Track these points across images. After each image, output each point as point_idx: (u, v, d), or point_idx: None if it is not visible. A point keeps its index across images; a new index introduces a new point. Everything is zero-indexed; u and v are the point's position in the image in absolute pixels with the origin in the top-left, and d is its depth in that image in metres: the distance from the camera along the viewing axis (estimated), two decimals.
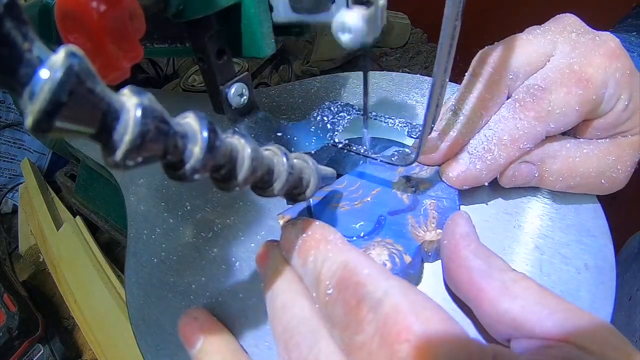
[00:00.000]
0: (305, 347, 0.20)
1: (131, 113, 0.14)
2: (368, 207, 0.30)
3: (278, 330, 0.22)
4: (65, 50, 0.12)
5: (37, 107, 0.11)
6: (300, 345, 0.20)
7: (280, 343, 0.21)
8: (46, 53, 0.12)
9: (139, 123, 0.14)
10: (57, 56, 0.12)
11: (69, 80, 0.12)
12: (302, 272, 0.23)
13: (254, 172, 0.19)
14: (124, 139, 0.13)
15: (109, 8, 0.19)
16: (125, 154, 0.14)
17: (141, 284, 0.32)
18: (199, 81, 0.70)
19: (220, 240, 0.34)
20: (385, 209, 0.29)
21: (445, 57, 0.22)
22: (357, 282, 0.20)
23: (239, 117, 0.31)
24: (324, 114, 0.33)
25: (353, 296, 0.19)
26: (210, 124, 0.17)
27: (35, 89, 0.11)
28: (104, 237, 0.70)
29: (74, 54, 0.12)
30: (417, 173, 0.31)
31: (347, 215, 0.29)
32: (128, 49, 0.21)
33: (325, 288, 0.20)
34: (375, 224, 0.28)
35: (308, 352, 0.20)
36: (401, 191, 0.30)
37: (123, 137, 0.13)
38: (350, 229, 0.28)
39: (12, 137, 0.96)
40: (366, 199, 0.30)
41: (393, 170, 0.32)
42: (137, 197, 0.39)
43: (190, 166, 0.16)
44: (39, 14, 0.29)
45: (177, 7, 0.24)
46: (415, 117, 0.41)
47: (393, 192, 0.30)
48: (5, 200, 0.94)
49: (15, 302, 0.64)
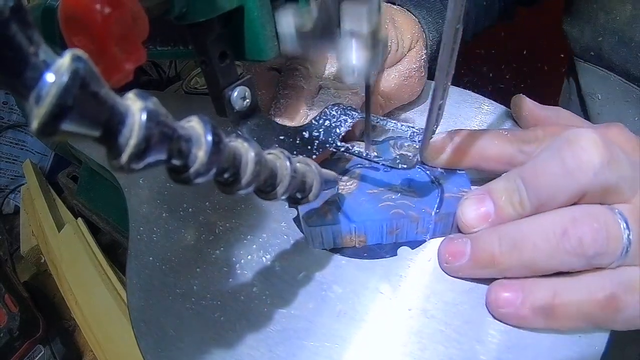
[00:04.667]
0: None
1: (136, 117, 0.14)
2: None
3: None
4: (70, 54, 0.12)
5: (43, 111, 0.11)
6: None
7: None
8: (52, 57, 0.12)
9: (144, 127, 0.14)
10: (63, 60, 0.12)
11: (74, 84, 0.12)
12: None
13: (257, 175, 0.20)
14: (129, 143, 0.14)
15: (112, 11, 0.19)
16: (130, 158, 0.14)
17: (142, 286, 0.32)
18: (201, 84, 0.70)
19: (221, 243, 0.34)
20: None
21: (447, 61, 0.22)
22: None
23: (241, 120, 0.31)
24: (327, 117, 0.33)
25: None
26: (214, 127, 0.17)
27: (42, 92, 0.11)
28: (106, 238, 0.70)
29: (80, 58, 0.12)
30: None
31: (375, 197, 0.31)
32: (131, 52, 0.21)
33: None
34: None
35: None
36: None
37: (128, 140, 0.14)
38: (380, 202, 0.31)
39: (14, 138, 0.96)
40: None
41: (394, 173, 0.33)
42: (138, 199, 0.39)
43: (195, 170, 0.17)
44: (42, 16, 0.29)
45: (180, 10, 0.24)
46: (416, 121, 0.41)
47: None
48: (7, 201, 0.94)
49: (16, 302, 0.64)
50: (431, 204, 0.30)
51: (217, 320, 0.29)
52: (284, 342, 0.28)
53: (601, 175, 0.24)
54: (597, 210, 0.24)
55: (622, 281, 0.24)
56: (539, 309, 0.25)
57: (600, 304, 0.24)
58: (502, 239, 0.26)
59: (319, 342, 0.27)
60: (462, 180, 0.31)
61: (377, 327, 0.28)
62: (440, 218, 0.30)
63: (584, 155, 0.24)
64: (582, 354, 0.25)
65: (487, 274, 0.27)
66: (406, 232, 0.31)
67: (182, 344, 0.29)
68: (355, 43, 0.22)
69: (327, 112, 0.33)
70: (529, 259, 0.25)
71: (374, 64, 0.23)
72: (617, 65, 0.44)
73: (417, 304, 0.28)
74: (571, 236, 0.24)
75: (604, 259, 0.24)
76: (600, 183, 0.24)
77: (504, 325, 0.26)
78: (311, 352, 0.27)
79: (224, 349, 0.28)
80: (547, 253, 0.25)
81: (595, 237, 0.23)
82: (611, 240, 0.24)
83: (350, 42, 0.22)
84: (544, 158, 0.26)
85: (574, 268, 0.25)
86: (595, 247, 0.23)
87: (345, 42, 0.22)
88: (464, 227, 0.28)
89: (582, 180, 0.24)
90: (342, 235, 0.30)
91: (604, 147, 0.24)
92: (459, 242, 0.28)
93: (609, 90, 0.46)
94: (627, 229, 0.24)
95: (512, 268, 0.26)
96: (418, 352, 0.26)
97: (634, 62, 0.42)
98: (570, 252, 0.24)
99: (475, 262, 0.27)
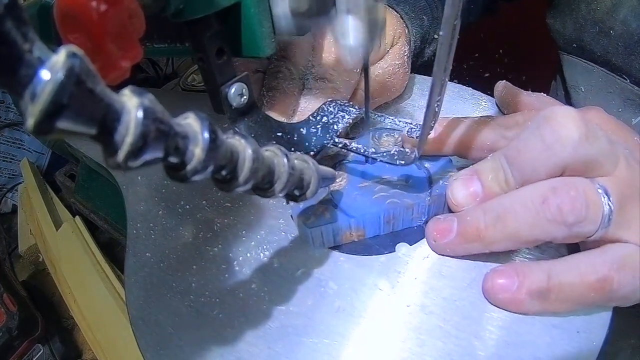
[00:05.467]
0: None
1: (132, 114, 0.14)
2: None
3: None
4: (66, 51, 0.12)
5: (39, 109, 0.11)
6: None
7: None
8: (47, 54, 0.12)
9: (140, 124, 0.14)
10: (58, 57, 0.12)
11: (70, 81, 0.12)
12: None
13: (255, 172, 0.20)
14: (125, 140, 0.13)
15: (108, 8, 0.19)
16: (126, 155, 0.14)
17: (141, 284, 0.32)
18: (198, 80, 0.70)
19: (220, 240, 0.34)
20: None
21: (445, 56, 0.22)
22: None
23: (239, 117, 0.31)
24: (324, 113, 0.33)
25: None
26: (211, 124, 0.17)
27: (36, 90, 0.11)
28: (104, 236, 0.70)
29: (75, 55, 0.12)
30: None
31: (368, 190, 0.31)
32: (128, 49, 0.21)
33: None
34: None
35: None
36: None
37: (124, 138, 0.13)
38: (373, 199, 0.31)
39: (11, 136, 0.95)
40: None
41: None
42: (136, 197, 0.39)
43: (192, 167, 0.16)
44: (38, 13, 0.29)
45: (176, 6, 0.24)
46: (415, 117, 0.41)
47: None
48: (4, 200, 0.94)
49: (14, 302, 0.64)
50: (422, 188, 0.31)
51: (215, 318, 0.29)
52: (282, 338, 0.28)
53: (580, 148, 0.24)
54: (576, 180, 0.25)
55: (613, 260, 0.25)
56: (535, 292, 0.26)
57: (594, 286, 0.25)
58: (486, 213, 0.27)
59: (317, 339, 0.27)
60: (448, 164, 0.32)
61: (376, 323, 0.28)
62: (433, 200, 0.30)
63: (562, 130, 0.25)
64: (580, 349, 0.25)
65: (474, 249, 0.28)
66: (402, 220, 0.31)
67: (181, 342, 0.29)
68: (352, 21, 0.22)
69: (325, 108, 0.33)
70: (512, 229, 0.26)
71: (372, 43, 0.23)
72: (598, 56, 0.45)
73: (416, 300, 0.28)
74: (551, 204, 0.25)
75: (586, 227, 0.25)
76: (580, 156, 0.25)
77: (503, 321, 0.26)
78: (310, 349, 0.27)
79: (223, 346, 0.28)
80: (529, 222, 0.25)
81: (574, 203, 0.24)
82: (590, 206, 0.24)
83: (347, 20, 0.22)
84: (525, 136, 0.27)
85: (556, 238, 0.25)
86: (575, 213, 0.24)
87: (341, 21, 0.22)
88: (454, 207, 0.29)
89: (561, 154, 0.25)
90: (342, 232, 0.31)
91: (582, 121, 0.25)
92: (445, 220, 0.29)
93: (592, 82, 0.47)
94: (605, 196, 0.25)
95: (497, 241, 0.27)
96: (416, 348, 0.26)
97: (615, 52, 0.43)
98: (551, 220, 0.25)
99: (461, 238, 0.28)
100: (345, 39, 0.23)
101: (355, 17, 0.22)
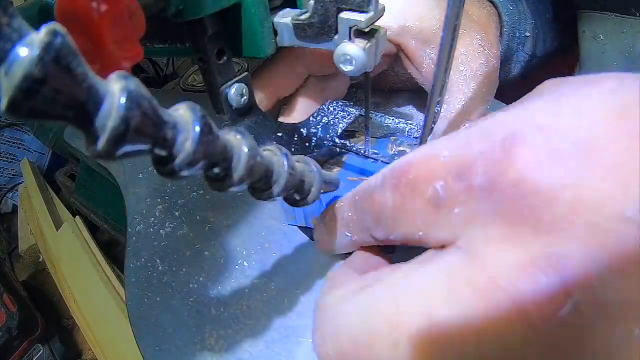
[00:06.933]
0: None
1: (116, 98, 0.13)
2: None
3: None
4: (47, 28, 0.11)
5: (12, 84, 0.10)
6: None
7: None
8: (27, 30, 0.11)
9: (123, 108, 0.12)
10: (39, 34, 0.11)
11: (47, 57, 0.11)
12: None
13: (251, 172, 0.18)
14: (107, 125, 0.12)
15: (109, 8, 0.19)
16: (108, 142, 0.13)
17: (141, 284, 0.32)
18: (199, 81, 0.70)
19: (220, 240, 0.34)
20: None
21: (446, 57, 0.22)
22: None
23: (239, 118, 0.31)
24: (325, 114, 0.33)
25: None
26: (204, 116, 0.16)
27: (12, 66, 0.11)
28: (104, 236, 0.70)
29: (57, 32, 0.11)
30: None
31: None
32: (128, 50, 0.21)
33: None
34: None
35: None
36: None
37: (106, 123, 0.12)
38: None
39: (12, 137, 0.96)
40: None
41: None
42: (136, 197, 0.39)
43: (181, 161, 0.15)
44: (39, 14, 0.29)
45: (177, 7, 0.24)
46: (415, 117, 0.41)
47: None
48: (5, 200, 0.94)
49: (15, 302, 0.64)
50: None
51: (215, 318, 0.29)
52: (282, 339, 0.28)
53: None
54: None
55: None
56: None
57: None
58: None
59: None
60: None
61: None
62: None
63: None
64: None
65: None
66: None
67: (181, 342, 0.29)
68: (353, 48, 0.22)
69: (325, 108, 0.33)
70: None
71: (373, 57, 0.23)
72: (611, 1, 0.48)
73: None
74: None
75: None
76: None
77: None
78: (309, 350, 0.27)
79: (223, 346, 0.28)
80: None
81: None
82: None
83: (348, 47, 0.22)
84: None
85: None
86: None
87: (342, 33, 0.22)
88: None
89: None
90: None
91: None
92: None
93: (607, 27, 0.51)
94: None
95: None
96: None
97: None
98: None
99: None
100: (346, 66, 0.23)
101: (356, 44, 0.22)
